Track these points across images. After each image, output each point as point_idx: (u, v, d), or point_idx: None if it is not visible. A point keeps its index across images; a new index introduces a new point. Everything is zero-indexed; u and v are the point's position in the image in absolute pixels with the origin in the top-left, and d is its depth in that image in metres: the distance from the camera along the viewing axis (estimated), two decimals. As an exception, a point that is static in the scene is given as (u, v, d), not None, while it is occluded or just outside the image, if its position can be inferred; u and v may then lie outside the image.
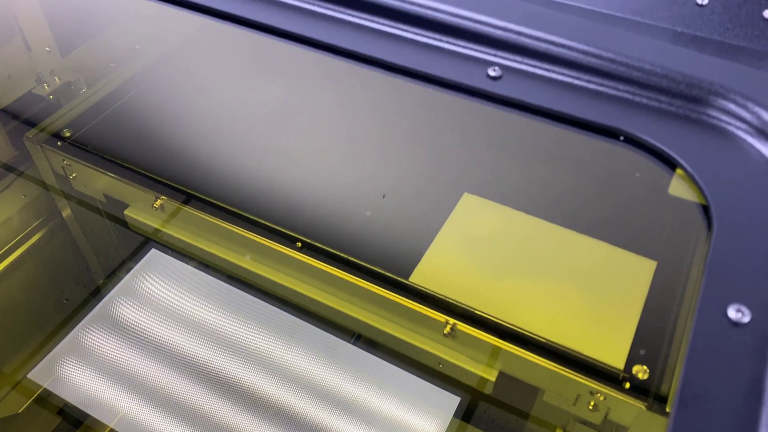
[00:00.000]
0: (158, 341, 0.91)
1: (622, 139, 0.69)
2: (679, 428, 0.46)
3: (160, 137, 1.02)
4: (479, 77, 0.74)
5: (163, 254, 1.00)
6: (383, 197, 0.91)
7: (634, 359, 0.71)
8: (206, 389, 0.86)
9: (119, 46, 1.20)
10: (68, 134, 1.00)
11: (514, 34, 0.74)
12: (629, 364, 0.71)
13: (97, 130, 1.01)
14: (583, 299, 0.78)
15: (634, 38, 0.72)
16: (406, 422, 0.83)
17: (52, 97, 1.13)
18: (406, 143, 1.02)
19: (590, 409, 0.73)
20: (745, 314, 0.52)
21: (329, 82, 1.05)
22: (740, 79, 0.67)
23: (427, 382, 0.85)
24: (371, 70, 0.78)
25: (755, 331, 0.51)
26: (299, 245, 0.84)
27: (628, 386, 0.70)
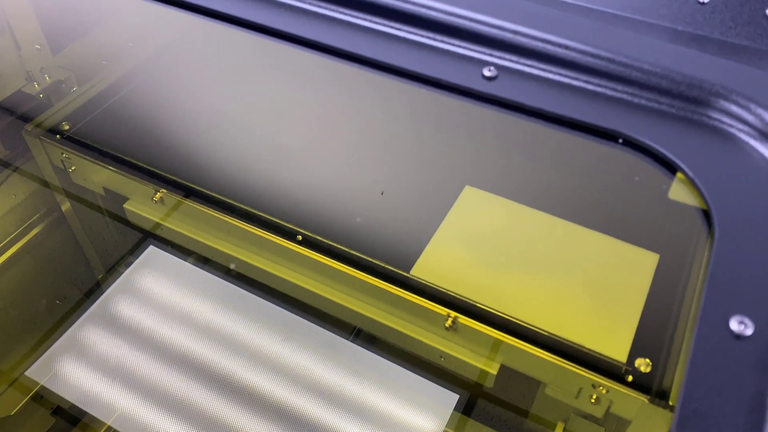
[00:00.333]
0: (156, 338, 0.91)
1: (620, 141, 0.68)
2: (679, 447, 0.45)
3: (159, 131, 1.02)
4: (474, 77, 0.73)
5: (160, 251, 1.00)
6: (381, 194, 0.90)
7: (636, 352, 0.71)
8: (204, 386, 0.86)
9: (110, 43, 1.20)
10: (67, 127, 1.00)
11: (509, 33, 0.73)
12: (632, 357, 0.71)
13: (96, 123, 1.02)
14: (585, 292, 0.78)
15: (633, 37, 0.71)
16: (404, 419, 0.83)
17: (42, 95, 1.13)
18: (404, 140, 1.01)
19: (592, 402, 0.73)
20: (748, 326, 0.50)
21: (318, 80, 1.05)
22: (742, 79, 0.66)
23: (426, 378, 0.85)
24: (362, 69, 0.77)
25: (759, 344, 0.49)
26: (299, 239, 0.84)
27: (630, 379, 0.69)
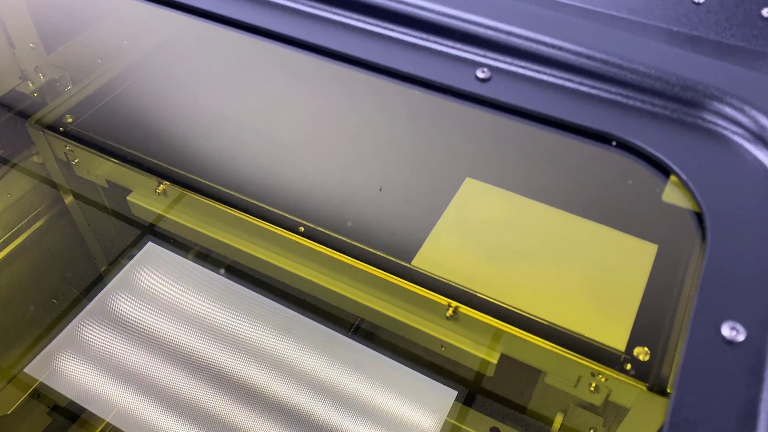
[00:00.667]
0: (155, 335, 0.92)
1: (614, 144, 0.67)
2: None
3: (162, 124, 1.02)
4: (467, 79, 0.72)
5: (159, 247, 1.01)
6: (380, 190, 0.90)
7: (635, 341, 0.71)
8: (203, 382, 0.87)
9: (105, 42, 1.20)
10: (70, 120, 1.01)
11: (503, 34, 0.72)
12: (630, 345, 0.71)
13: (98, 117, 1.02)
14: (584, 282, 0.79)
15: (627, 38, 0.70)
16: (403, 415, 0.84)
17: (36, 94, 1.13)
18: (400, 138, 1.01)
19: (591, 390, 0.74)
20: (739, 332, 0.50)
21: (311, 80, 1.05)
22: (737, 81, 0.65)
23: (425, 374, 0.86)
24: (355, 70, 0.76)
25: (750, 350, 0.49)
26: (302, 230, 0.84)
27: (629, 368, 0.70)
